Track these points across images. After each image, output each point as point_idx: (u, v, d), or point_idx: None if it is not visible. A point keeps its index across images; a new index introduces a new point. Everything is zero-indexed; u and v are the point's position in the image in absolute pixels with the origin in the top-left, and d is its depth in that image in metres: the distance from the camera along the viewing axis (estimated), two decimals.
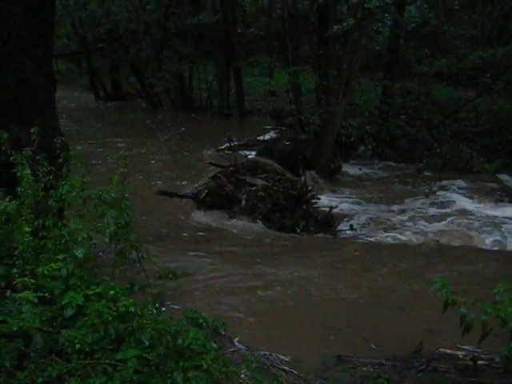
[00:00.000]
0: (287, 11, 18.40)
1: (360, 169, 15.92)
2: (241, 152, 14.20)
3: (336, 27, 13.70)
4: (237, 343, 4.43)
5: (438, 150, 15.97)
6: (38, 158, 4.92)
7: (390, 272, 7.32)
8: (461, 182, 14.16)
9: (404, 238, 10.00)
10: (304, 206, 10.59)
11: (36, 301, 3.84)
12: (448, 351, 4.51)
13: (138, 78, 24.71)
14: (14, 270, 4.17)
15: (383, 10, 17.61)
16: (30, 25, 5.33)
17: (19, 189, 4.69)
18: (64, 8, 22.29)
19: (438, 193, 13.43)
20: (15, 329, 3.62)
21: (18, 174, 4.81)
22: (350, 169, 15.81)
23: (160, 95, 24.22)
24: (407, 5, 18.13)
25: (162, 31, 24.00)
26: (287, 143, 15.34)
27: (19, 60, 5.31)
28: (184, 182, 11.67)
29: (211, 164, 12.12)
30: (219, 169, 11.58)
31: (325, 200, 11.86)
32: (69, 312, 3.72)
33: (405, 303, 5.91)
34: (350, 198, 13.01)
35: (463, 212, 11.78)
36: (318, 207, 11.00)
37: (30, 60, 5.37)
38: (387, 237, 10.09)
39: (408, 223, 11.02)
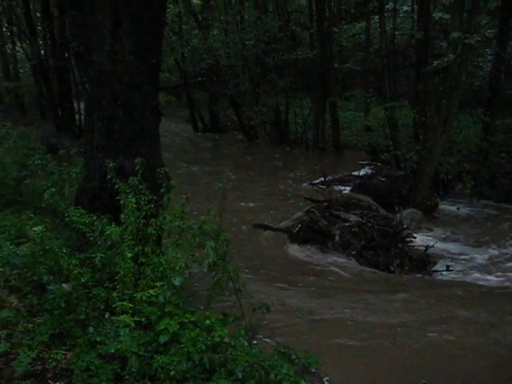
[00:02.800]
0: (385, 46, 18.32)
1: (458, 208, 15.36)
2: (335, 187, 14.14)
3: (435, 62, 13.49)
4: (326, 383, 4.36)
5: None
6: (140, 187, 5.14)
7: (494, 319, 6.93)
8: None
9: (504, 281, 9.50)
10: (399, 244, 10.35)
11: (133, 325, 3.97)
12: None
13: (235, 111, 25.31)
14: (114, 294, 4.34)
15: (484, 45, 17.20)
16: (141, 62, 5.65)
17: (122, 216, 4.92)
18: (168, 45, 23.33)
19: None
20: (112, 350, 3.75)
21: (122, 202, 5.05)
22: (447, 207, 15.30)
23: (256, 128, 24.64)
24: (510, 39, 17.53)
25: (260, 66, 24.54)
26: (383, 179, 15.10)
27: (129, 95, 5.62)
28: (278, 215, 11.73)
29: (306, 198, 12.14)
30: (313, 203, 11.58)
31: (420, 239, 11.53)
32: (164, 338, 3.82)
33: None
34: (446, 237, 12.58)
35: None
36: (413, 246, 10.71)
37: (138, 95, 5.67)
38: (486, 279, 9.64)
39: (508, 265, 10.48)
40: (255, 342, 4.83)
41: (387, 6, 21.87)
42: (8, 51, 27.63)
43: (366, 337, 5.82)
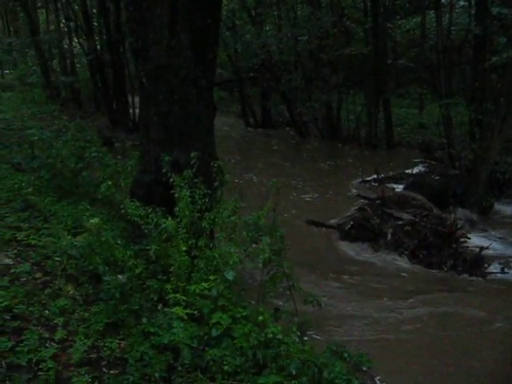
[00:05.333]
0: (441, 42, 17.92)
1: None
2: (388, 185, 13.93)
3: (494, 59, 13.12)
4: (378, 382, 4.31)
5: None
6: (195, 181, 5.19)
7: None
8: None
9: None
10: (453, 245, 10.12)
11: (185, 317, 4.01)
12: None
13: (287, 107, 25.23)
14: (168, 286, 4.39)
15: None
16: (197, 57, 5.69)
17: (177, 209, 4.97)
18: (222, 40, 23.44)
19: None
20: (166, 342, 3.80)
21: (176, 195, 5.10)
22: (503, 208, 14.86)
23: (308, 124, 24.51)
24: None
25: (313, 62, 24.38)
26: (436, 178, 14.79)
27: (186, 90, 5.68)
28: (330, 212, 11.65)
29: (359, 196, 12.01)
30: (366, 201, 11.45)
31: (474, 239, 11.25)
32: (216, 332, 3.84)
33: None
34: (502, 238, 12.22)
35: None
36: (467, 246, 10.46)
37: (194, 89, 5.72)
38: None
39: None
40: (306, 338, 4.82)
41: (443, 1, 21.37)
42: (65, 46, 28.27)
43: (420, 337, 5.73)
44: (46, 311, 4.23)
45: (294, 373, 3.28)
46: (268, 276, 4.08)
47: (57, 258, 5.13)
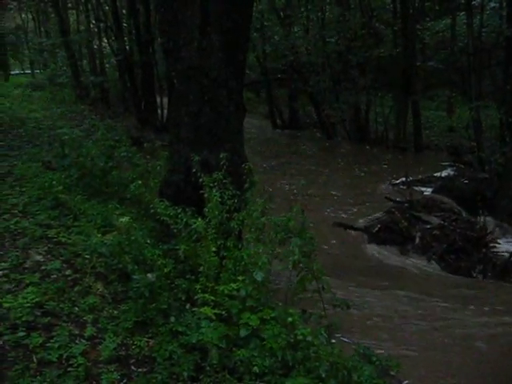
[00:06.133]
0: (472, 44, 17.69)
1: None
2: (416, 188, 13.79)
3: None
4: None
5: None
6: (225, 181, 5.20)
7: None
8: None
9: None
10: (483, 250, 9.98)
11: (214, 317, 4.02)
12: None
13: (315, 108, 25.18)
14: (197, 286, 4.41)
15: None
16: (228, 58, 5.71)
17: (206, 209, 4.99)
18: (250, 41, 23.47)
19: None
20: (194, 341, 3.81)
21: (206, 195, 5.12)
22: None
23: (335, 126, 24.41)
24: None
25: (341, 63, 24.29)
26: (466, 181, 14.60)
27: (216, 91, 5.70)
28: (357, 215, 11.58)
29: (387, 198, 11.91)
30: (394, 203, 11.35)
31: (504, 244, 11.09)
32: (244, 332, 3.84)
33: None
34: None
35: None
36: (497, 251, 10.30)
37: (224, 90, 5.74)
38: None
39: None
40: (333, 341, 4.79)
41: (474, 2, 21.10)
42: (95, 47, 28.62)
43: (447, 342, 5.66)
44: (76, 308, 4.29)
45: (323, 375, 3.27)
46: (297, 278, 4.07)
47: (86, 256, 5.19)
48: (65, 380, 3.35)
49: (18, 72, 46.50)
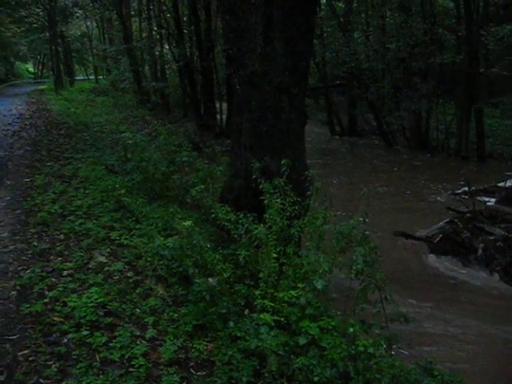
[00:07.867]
0: None
1: None
2: (479, 198, 13.40)
3: None
4: None
5: None
6: (285, 188, 5.20)
7: None
8: None
9: None
10: None
11: (272, 324, 4.02)
12: None
13: (374, 115, 24.86)
14: (257, 292, 4.41)
15: None
16: (291, 65, 5.72)
17: (267, 215, 5.00)
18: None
19: None
20: (253, 347, 3.81)
21: (266, 202, 5.13)
22: None
23: (395, 133, 24.03)
24: None
25: (403, 70, 23.92)
26: None
27: (278, 97, 5.71)
28: (418, 225, 11.34)
29: (449, 209, 11.62)
30: (456, 214, 11.06)
31: None
32: (302, 340, 3.82)
33: None
34: None
35: None
36: None
37: (287, 97, 5.75)
38: None
39: None
40: (393, 352, 4.70)
41: None
42: (156, 53, 29.18)
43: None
44: (137, 310, 4.37)
45: None
46: (360, 287, 4.02)
47: (148, 259, 5.29)
48: (126, 380, 3.40)
49: (82, 78, 48.11)
